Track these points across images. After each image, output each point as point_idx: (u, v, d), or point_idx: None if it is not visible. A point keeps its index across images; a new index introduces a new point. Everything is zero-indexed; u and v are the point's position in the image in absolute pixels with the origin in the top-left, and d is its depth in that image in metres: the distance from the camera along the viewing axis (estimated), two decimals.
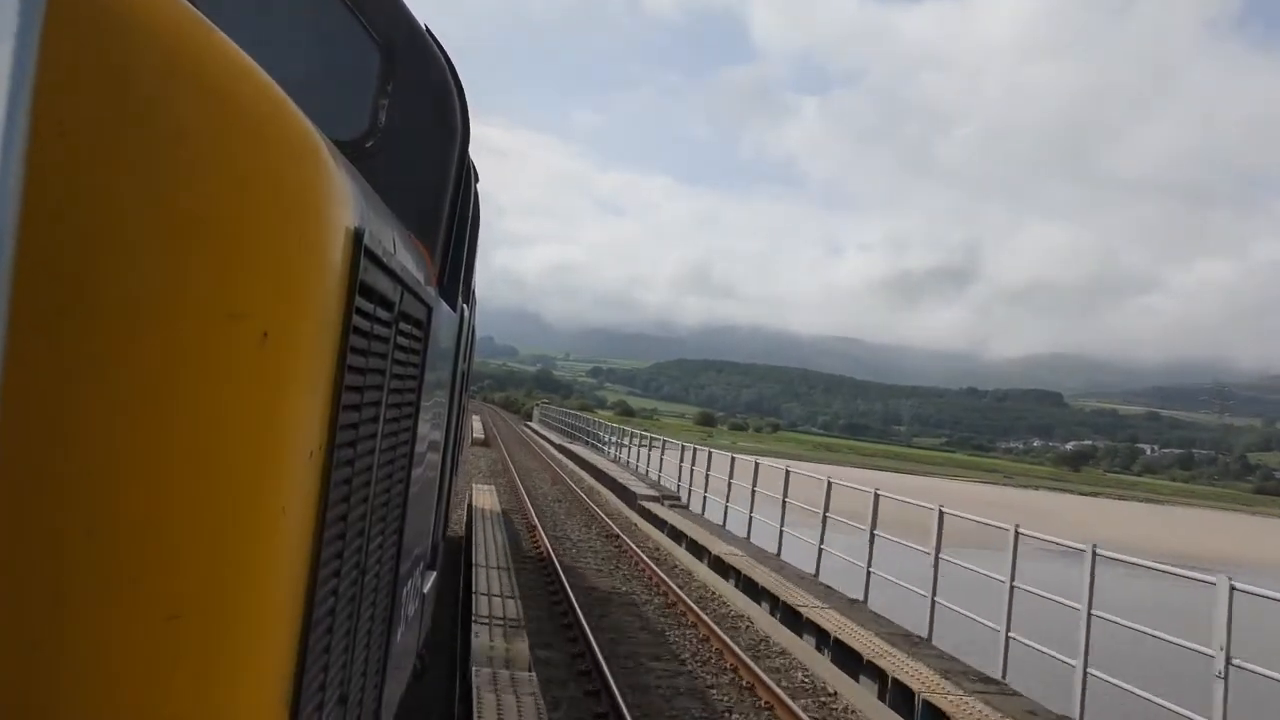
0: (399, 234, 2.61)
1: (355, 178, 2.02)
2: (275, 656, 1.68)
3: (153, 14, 1.48)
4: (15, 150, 0.75)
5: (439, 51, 3.90)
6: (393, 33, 3.72)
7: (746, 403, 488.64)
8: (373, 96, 3.63)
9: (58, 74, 1.27)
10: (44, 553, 1.37)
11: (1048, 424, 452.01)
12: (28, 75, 0.77)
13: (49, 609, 1.38)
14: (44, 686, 1.39)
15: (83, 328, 1.39)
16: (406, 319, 2.66)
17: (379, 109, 3.63)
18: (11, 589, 1.35)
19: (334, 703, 2.21)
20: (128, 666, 1.43)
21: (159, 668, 1.45)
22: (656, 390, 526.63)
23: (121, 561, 1.42)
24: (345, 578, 2.18)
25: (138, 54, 1.43)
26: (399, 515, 3.04)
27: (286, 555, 1.68)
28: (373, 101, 3.63)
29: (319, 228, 1.67)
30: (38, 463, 1.37)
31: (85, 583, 1.40)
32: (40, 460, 1.37)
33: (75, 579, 1.39)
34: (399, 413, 2.76)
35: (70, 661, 1.40)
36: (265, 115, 1.60)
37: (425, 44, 3.85)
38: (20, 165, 0.76)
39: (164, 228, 1.45)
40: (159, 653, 1.44)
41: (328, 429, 1.79)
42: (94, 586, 1.40)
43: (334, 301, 1.75)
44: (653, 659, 11.85)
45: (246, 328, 1.51)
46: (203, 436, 1.47)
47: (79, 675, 1.40)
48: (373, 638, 2.78)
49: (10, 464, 1.33)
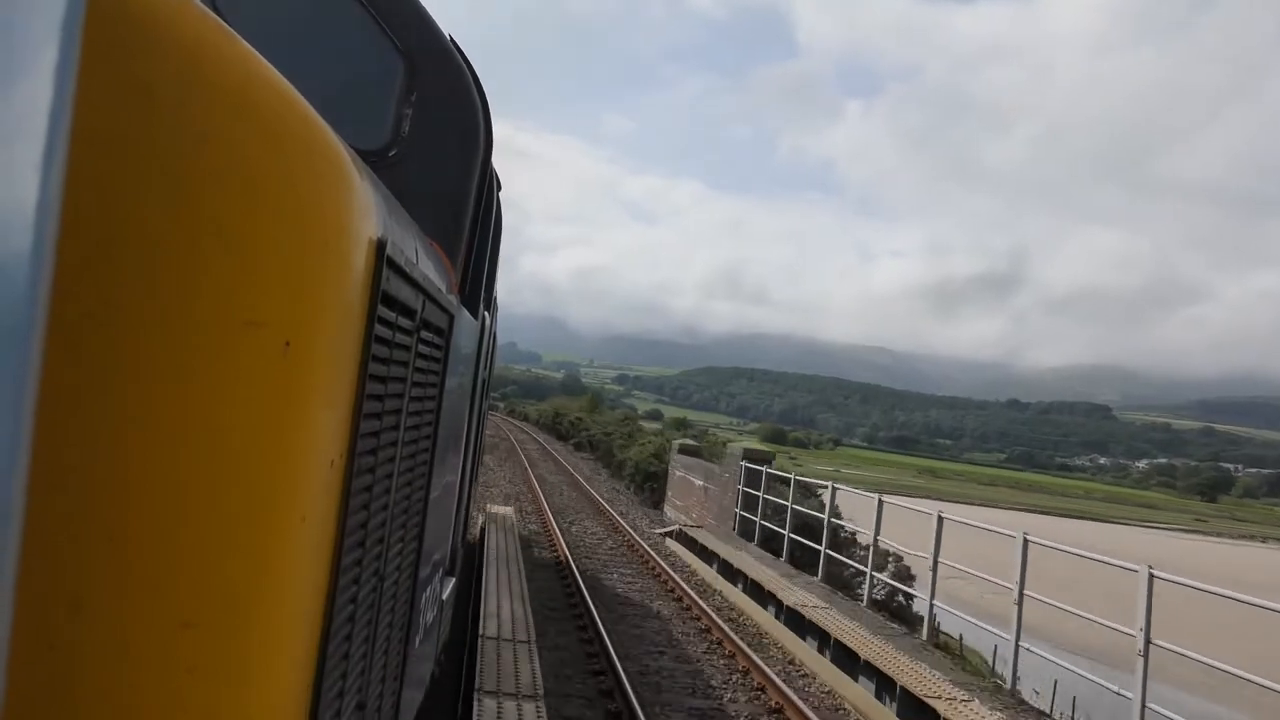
0: (421, 243, 2.62)
1: (378, 187, 2.04)
2: (293, 664, 1.69)
3: (176, 24, 1.50)
4: (57, 161, 0.76)
5: (462, 61, 3.92)
6: (416, 42, 3.74)
7: (780, 412, 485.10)
8: (396, 106, 3.66)
9: (86, 85, 1.28)
10: (63, 557, 1.38)
11: (1100, 439, 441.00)
12: (69, 88, 0.78)
13: (67, 613, 1.39)
14: (60, 691, 1.40)
15: (104, 335, 1.40)
16: (428, 327, 2.67)
17: (402, 119, 3.65)
18: (30, 592, 1.36)
19: (352, 709, 2.22)
20: (144, 672, 1.44)
21: (175, 674, 1.45)
22: (685, 399, 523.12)
23: (139, 568, 1.43)
24: (365, 585, 2.19)
25: (161, 64, 1.45)
26: (418, 522, 3.05)
27: (306, 563, 1.68)
28: (396, 111, 3.65)
29: (342, 238, 1.68)
30: (58, 468, 1.38)
31: (103, 588, 1.41)
32: (61, 465, 1.38)
33: (93, 584, 1.40)
34: (419, 420, 2.77)
35: (86, 666, 1.41)
36: (288, 125, 1.61)
37: (448, 53, 3.87)
38: (61, 177, 0.78)
39: (186, 237, 1.46)
40: (175, 659, 1.45)
41: (349, 438, 1.80)
42: (111, 592, 1.41)
43: (356, 311, 1.76)
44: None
45: (268, 337, 1.52)
46: (223, 444, 1.48)
47: (95, 680, 1.41)
48: (391, 645, 2.79)
49: (32, 469, 1.34)
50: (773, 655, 13.39)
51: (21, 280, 0.72)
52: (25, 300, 0.73)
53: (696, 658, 12.84)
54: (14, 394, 0.73)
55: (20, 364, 0.72)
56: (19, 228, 0.71)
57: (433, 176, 3.68)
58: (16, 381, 0.73)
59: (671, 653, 12.92)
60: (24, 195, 0.72)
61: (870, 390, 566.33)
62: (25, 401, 0.75)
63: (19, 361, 0.72)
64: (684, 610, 15.57)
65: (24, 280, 0.72)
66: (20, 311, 0.72)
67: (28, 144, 0.73)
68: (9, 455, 0.74)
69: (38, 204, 0.74)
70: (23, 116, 0.71)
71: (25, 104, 0.72)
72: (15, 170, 0.71)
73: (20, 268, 0.72)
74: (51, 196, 0.78)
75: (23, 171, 0.72)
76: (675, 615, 15.20)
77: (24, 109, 0.72)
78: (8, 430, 0.73)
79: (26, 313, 0.73)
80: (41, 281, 0.76)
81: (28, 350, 0.74)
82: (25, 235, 0.72)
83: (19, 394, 0.73)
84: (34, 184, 0.73)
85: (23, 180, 0.72)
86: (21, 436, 0.76)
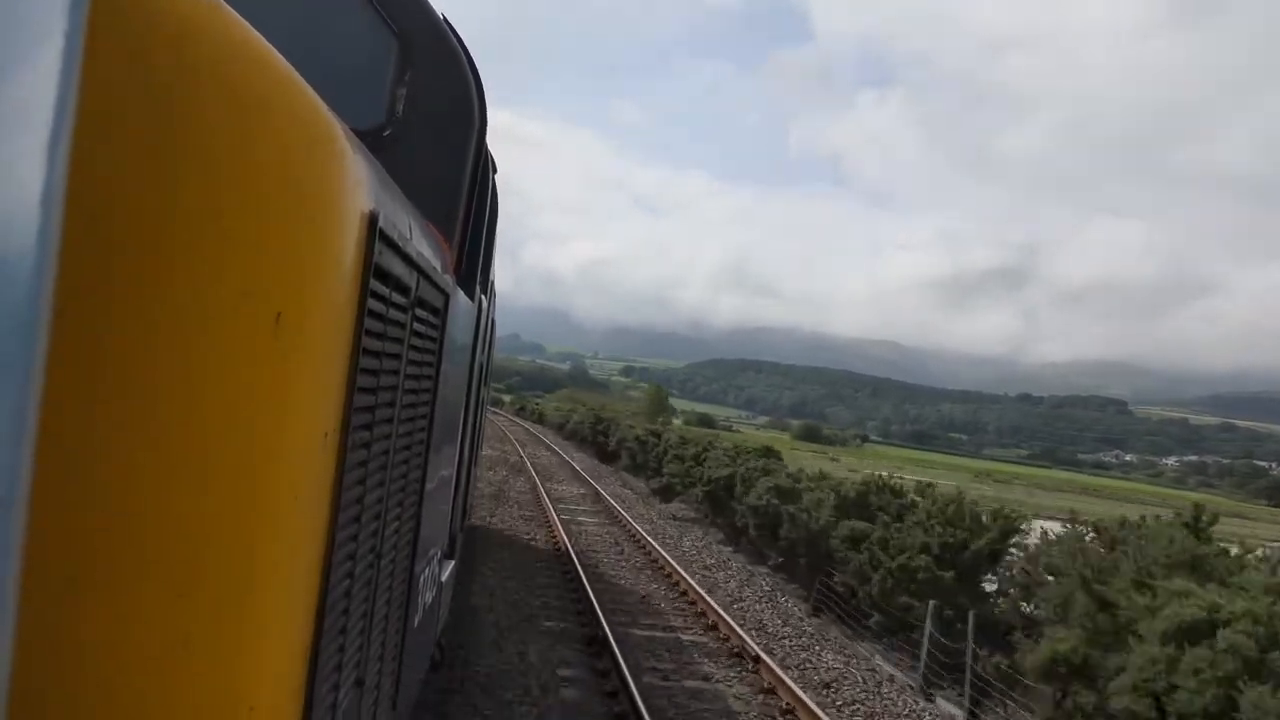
0: (415, 221, 2.62)
1: (371, 164, 2.03)
2: (289, 637, 1.69)
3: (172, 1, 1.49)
4: (62, 145, 0.77)
5: (456, 41, 3.91)
6: (410, 23, 3.73)
7: (789, 405, 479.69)
8: (390, 86, 3.65)
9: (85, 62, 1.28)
10: (59, 530, 1.39)
11: (1118, 434, 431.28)
12: (75, 71, 0.79)
13: (64, 586, 1.39)
14: (60, 663, 1.41)
15: (97, 306, 1.40)
16: (423, 305, 2.67)
17: (396, 98, 3.64)
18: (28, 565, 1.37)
19: (350, 685, 2.22)
20: (142, 642, 1.44)
21: (171, 644, 1.46)
22: (693, 391, 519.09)
23: (133, 539, 1.44)
24: (361, 560, 2.20)
25: (156, 41, 1.44)
26: (416, 500, 3.05)
27: (300, 536, 1.69)
28: (390, 91, 3.64)
29: (334, 211, 1.68)
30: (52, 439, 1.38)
31: (98, 560, 1.41)
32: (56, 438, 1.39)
33: (89, 556, 1.41)
34: (416, 399, 2.77)
35: (84, 637, 1.41)
36: (282, 101, 1.61)
37: (443, 34, 3.86)
38: (66, 158, 0.79)
39: (179, 211, 1.46)
40: (171, 629, 1.46)
41: (343, 411, 1.80)
42: (107, 564, 1.42)
43: (349, 284, 1.76)
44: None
45: (261, 308, 1.52)
46: (216, 414, 1.49)
47: (92, 652, 1.42)
48: (390, 623, 2.80)
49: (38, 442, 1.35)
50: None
51: (28, 262, 0.73)
52: (32, 274, 0.73)
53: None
54: (20, 374, 0.73)
55: (25, 347, 0.73)
56: (26, 199, 0.72)
57: (427, 156, 3.68)
58: (23, 362, 0.73)
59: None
60: (31, 166, 0.73)
61: (881, 384, 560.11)
62: (33, 385, 0.76)
63: (24, 343, 0.73)
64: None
65: (30, 262, 0.73)
66: (25, 288, 0.73)
67: (37, 119, 0.74)
68: (15, 430, 0.74)
69: (44, 178, 0.74)
70: (31, 93, 0.72)
71: (32, 82, 0.73)
72: (26, 133, 0.72)
73: (27, 249, 0.72)
74: (58, 178, 0.79)
75: (32, 143, 0.73)
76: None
77: (31, 86, 0.73)
78: (14, 411, 0.73)
79: (32, 286, 0.74)
80: (46, 262, 0.77)
81: (33, 333, 0.74)
82: (31, 211, 0.73)
83: (25, 374, 0.74)
84: (40, 159, 0.74)
85: (32, 151, 0.73)
86: (28, 419, 0.76)
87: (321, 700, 1.89)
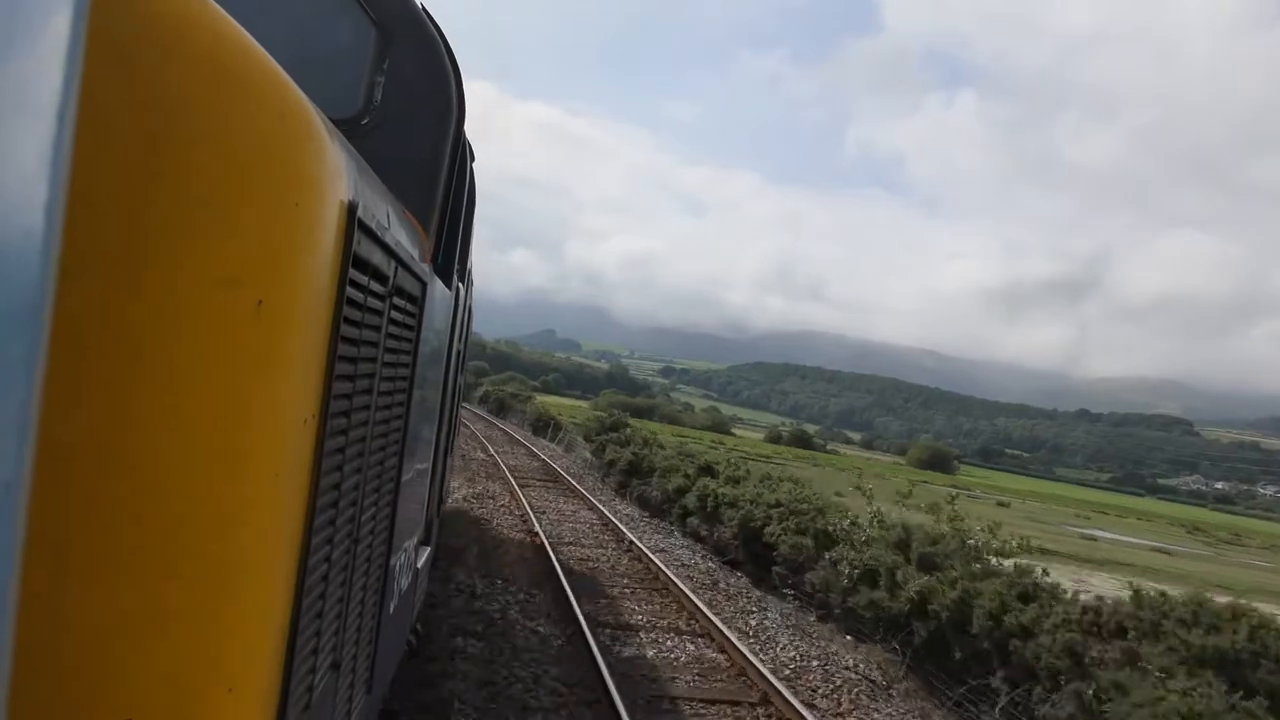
0: (394, 209, 2.64)
1: (350, 153, 2.06)
2: (268, 619, 1.73)
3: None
4: (64, 138, 0.80)
5: (435, 31, 3.92)
6: (389, 12, 3.73)
7: (837, 414, 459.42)
8: (368, 75, 3.66)
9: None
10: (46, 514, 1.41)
11: (1189, 458, 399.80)
12: (77, 66, 0.81)
13: (50, 560, 1.42)
14: (49, 649, 1.43)
15: (81, 293, 1.43)
16: (400, 294, 2.69)
17: (374, 87, 3.65)
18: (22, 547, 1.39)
19: (326, 668, 2.26)
20: (121, 620, 1.47)
21: (152, 622, 1.49)
22: (734, 395, 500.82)
23: (117, 521, 1.47)
24: (339, 545, 2.23)
25: (137, 29, 1.47)
26: (393, 486, 3.08)
27: (280, 520, 1.72)
28: (368, 80, 3.65)
29: (313, 200, 1.71)
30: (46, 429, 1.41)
31: (83, 541, 1.44)
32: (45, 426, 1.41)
33: (74, 538, 1.44)
34: (393, 386, 2.80)
35: (70, 616, 1.44)
36: (261, 90, 1.64)
37: (421, 24, 3.86)
38: (68, 150, 0.81)
39: (161, 197, 1.49)
40: (150, 608, 1.49)
41: (322, 397, 1.83)
42: (89, 541, 1.45)
43: (328, 272, 1.79)
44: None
45: (241, 295, 1.55)
46: (198, 399, 1.52)
47: (76, 624, 1.45)
48: (366, 607, 2.83)
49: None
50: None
51: (31, 252, 0.75)
52: (36, 263, 0.76)
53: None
54: (24, 364, 0.75)
55: (29, 337, 0.75)
56: (28, 190, 0.74)
57: (405, 145, 3.69)
58: (27, 351, 0.75)
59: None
60: (37, 148, 0.75)
61: (931, 394, 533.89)
62: (36, 374, 0.78)
63: (28, 333, 0.75)
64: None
65: (33, 252, 0.75)
66: (29, 277, 0.75)
67: (37, 111, 0.76)
68: (21, 419, 0.76)
69: (49, 169, 0.76)
70: (32, 86, 0.74)
71: (32, 76, 0.75)
72: (30, 117, 0.74)
73: (28, 239, 0.74)
74: (61, 170, 0.81)
75: (32, 135, 0.75)
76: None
77: (32, 80, 0.75)
78: (18, 405, 0.75)
79: (36, 275, 0.76)
80: (49, 252, 0.79)
81: (37, 323, 0.77)
82: (34, 201, 0.75)
83: (29, 364, 0.76)
84: (42, 150, 0.76)
85: (33, 142, 0.75)
86: (31, 407, 0.78)
87: (299, 682, 1.92)
